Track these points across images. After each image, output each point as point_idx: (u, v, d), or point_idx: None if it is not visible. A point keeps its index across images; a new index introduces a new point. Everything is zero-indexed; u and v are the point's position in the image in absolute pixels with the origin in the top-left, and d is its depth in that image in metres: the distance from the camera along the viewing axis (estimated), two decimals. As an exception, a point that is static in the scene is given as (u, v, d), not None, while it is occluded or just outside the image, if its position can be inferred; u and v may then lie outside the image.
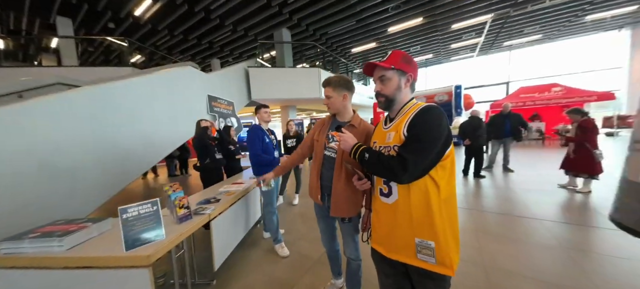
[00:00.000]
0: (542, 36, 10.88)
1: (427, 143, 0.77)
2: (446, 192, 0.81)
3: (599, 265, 1.77)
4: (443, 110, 0.82)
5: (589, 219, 2.57)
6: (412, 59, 0.93)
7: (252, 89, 6.84)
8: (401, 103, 0.91)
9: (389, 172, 0.81)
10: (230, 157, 3.22)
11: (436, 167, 0.80)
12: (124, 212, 1.25)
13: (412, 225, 0.82)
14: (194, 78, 4.44)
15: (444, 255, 0.78)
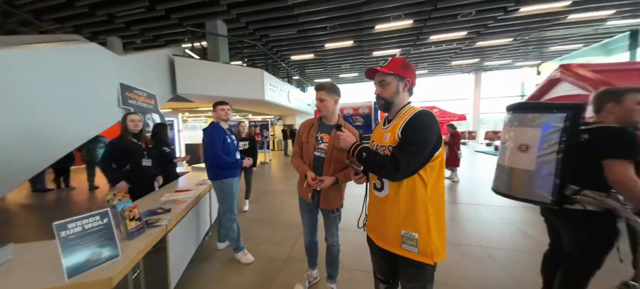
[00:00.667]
0: (428, 71, 14.79)
1: (419, 146, 0.88)
2: (433, 190, 0.91)
3: (467, 227, 2.72)
4: (433, 115, 0.94)
5: (455, 197, 3.87)
6: (411, 66, 1.02)
7: (178, 82, 5.86)
8: (399, 106, 1.01)
9: (383, 171, 0.93)
10: (167, 161, 2.71)
11: (425, 168, 0.90)
12: (62, 229, 0.96)
13: (399, 218, 0.93)
14: (103, 59, 3.45)
15: (425, 246, 0.89)
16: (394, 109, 1.01)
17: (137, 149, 2.21)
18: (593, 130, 1.17)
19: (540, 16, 7.71)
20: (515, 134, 1.36)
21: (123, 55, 4.11)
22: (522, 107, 1.40)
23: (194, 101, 7.64)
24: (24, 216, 3.68)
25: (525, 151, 1.30)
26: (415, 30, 8.68)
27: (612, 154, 1.06)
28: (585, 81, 6.46)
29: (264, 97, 6.83)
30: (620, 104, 1.16)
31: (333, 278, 1.61)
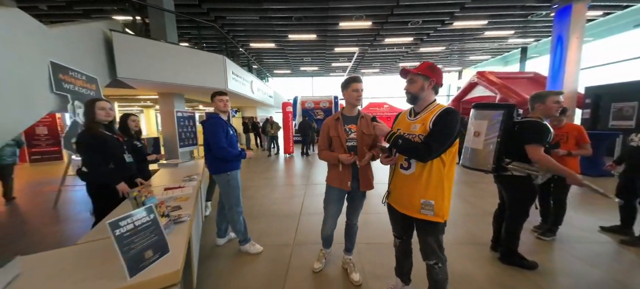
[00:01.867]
0: (379, 70, 16.35)
1: (447, 136, 1.14)
2: (449, 168, 1.19)
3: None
4: (457, 112, 1.19)
5: None
6: (437, 69, 1.23)
7: (117, 64, 4.87)
8: (426, 101, 1.24)
9: (417, 153, 1.18)
10: (140, 157, 2.36)
11: (446, 152, 1.18)
12: (116, 228, 0.90)
13: (421, 189, 1.20)
14: (26, 29, 2.67)
15: (439, 209, 1.18)
16: (421, 103, 1.26)
17: (117, 144, 1.90)
18: (520, 123, 1.77)
19: (465, 30, 9.56)
20: (474, 124, 1.89)
21: (51, 27, 3.19)
22: (478, 105, 1.95)
23: (136, 88, 6.47)
24: None
25: (478, 136, 1.84)
26: (373, 32, 9.48)
27: (529, 140, 1.65)
28: (493, 85, 8.45)
29: (227, 86, 6.34)
30: (544, 103, 1.74)
31: (350, 251, 1.84)
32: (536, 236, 2.34)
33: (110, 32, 4.79)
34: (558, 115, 1.79)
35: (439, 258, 1.28)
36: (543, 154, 1.60)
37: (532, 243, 2.25)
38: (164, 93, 7.03)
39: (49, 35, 3.10)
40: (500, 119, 1.76)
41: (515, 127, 1.76)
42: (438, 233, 1.26)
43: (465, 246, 2.21)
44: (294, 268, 1.88)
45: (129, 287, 0.86)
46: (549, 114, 1.76)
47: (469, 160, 1.93)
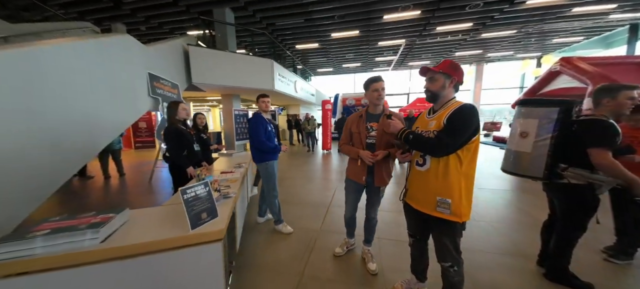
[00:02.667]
0: (430, 62, 14.90)
1: (459, 130, 1.12)
2: (467, 167, 1.15)
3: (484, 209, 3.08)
4: (476, 109, 1.16)
5: None
6: (458, 67, 1.22)
7: (192, 72, 5.99)
8: (445, 99, 1.23)
9: (429, 148, 1.19)
10: (205, 147, 2.98)
11: (463, 149, 1.14)
12: (184, 193, 1.26)
13: (437, 186, 1.19)
14: (133, 50, 3.63)
15: (457, 208, 1.16)
16: (440, 102, 1.26)
17: (189, 136, 2.47)
18: (581, 122, 1.47)
19: (544, 8, 7.87)
20: (520, 123, 1.67)
21: (148, 46, 4.25)
22: (525, 102, 1.71)
23: (206, 91, 7.77)
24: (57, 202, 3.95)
25: (525, 138, 1.62)
26: (423, 21, 8.77)
27: (592, 143, 1.38)
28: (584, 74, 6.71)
29: (274, 87, 6.99)
30: (614, 99, 1.43)
31: (369, 242, 1.93)
32: (605, 257, 1.92)
33: (188, 46, 5.91)
34: (629, 113, 1.44)
35: (454, 261, 1.26)
36: (611, 160, 1.32)
37: (598, 264, 1.87)
38: (225, 94, 8.25)
39: (147, 52, 4.11)
40: (555, 117, 1.50)
41: (573, 126, 1.49)
42: (455, 234, 1.23)
43: (508, 256, 2.00)
44: (317, 250, 2.09)
45: (190, 236, 1.21)
46: (619, 112, 1.43)
47: (511, 164, 1.71)
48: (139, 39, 4.00)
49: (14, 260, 0.98)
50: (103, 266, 1.09)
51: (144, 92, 3.80)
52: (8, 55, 1.69)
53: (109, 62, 2.99)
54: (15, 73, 1.72)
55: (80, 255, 1.05)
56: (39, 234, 1.04)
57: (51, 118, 1.96)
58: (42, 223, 1.15)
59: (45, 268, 1.01)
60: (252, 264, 1.90)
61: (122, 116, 3.18)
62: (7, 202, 1.58)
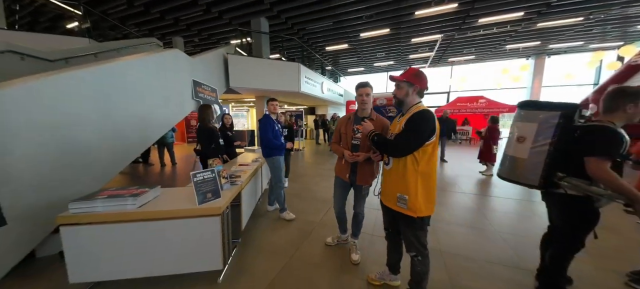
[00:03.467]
0: (475, 57, 13.46)
1: (413, 133, 1.24)
2: (425, 167, 1.26)
3: (490, 215, 2.86)
4: (432, 114, 1.25)
5: (487, 190, 3.88)
6: (422, 75, 1.33)
7: (230, 77, 6.81)
8: (409, 104, 1.34)
9: (387, 149, 1.34)
10: (228, 142, 3.48)
11: (419, 150, 1.25)
12: (194, 177, 1.62)
13: (397, 184, 1.33)
14: (181, 62, 4.40)
15: (412, 204, 1.27)
16: (405, 106, 1.37)
17: (216, 133, 2.99)
18: (583, 127, 1.33)
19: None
20: (518, 127, 1.59)
21: (194, 57, 5.08)
22: (525, 104, 1.61)
23: (241, 93, 8.68)
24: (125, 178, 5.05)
25: (522, 142, 1.54)
26: (461, 14, 8.10)
27: (590, 150, 1.24)
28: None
29: (300, 89, 7.40)
30: (636, 104, 1.23)
31: (356, 236, 2.06)
32: (627, 281, 1.65)
33: (227, 54, 6.74)
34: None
35: (418, 251, 1.36)
36: (607, 171, 1.18)
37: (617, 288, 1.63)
38: (258, 96, 9.06)
39: (193, 62, 4.91)
40: (555, 122, 1.39)
41: (576, 132, 1.35)
42: (415, 227, 1.33)
43: (508, 268, 1.89)
44: (312, 239, 2.32)
45: (197, 209, 1.58)
46: (632, 118, 1.26)
47: (507, 170, 1.63)
48: (193, 47, 4.82)
49: (83, 213, 1.48)
50: (138, 224, 1.53)
51: (188, 95, 4.57)
52: (91, 71, 2.38)
53: (163, 73, 3.74)
54: (96, 85, 2.40)
55: (124, 214, 1.51)
56: (100, 197, 1.53)
57: (117, 118, 2.64)
58: (104, 191, 1.66)
59: (101, 221, 1.50)
60: (254, 243, 2.24)
61: (170, 115, 3.92)
62: (87, 177, 2.23)
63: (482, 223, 2.67)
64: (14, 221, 1.55)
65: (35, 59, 3.92)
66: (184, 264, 1.62)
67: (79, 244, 1.48)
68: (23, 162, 1.66)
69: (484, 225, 2.63)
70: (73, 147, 2.07)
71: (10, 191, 1.56)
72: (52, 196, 1.82)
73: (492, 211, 3.04)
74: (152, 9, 8.34)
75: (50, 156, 1.87)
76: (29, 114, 1.72)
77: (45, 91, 1.88)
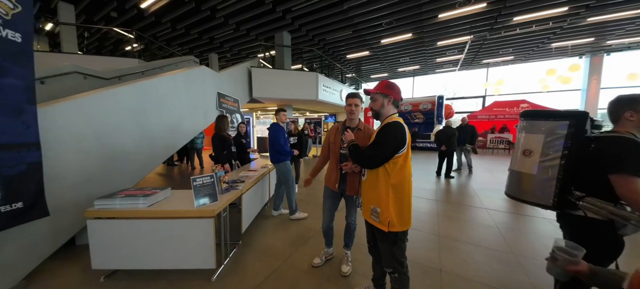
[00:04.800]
0: (514, 58, 12.19)
1: (381, 144, 1.23)
2: (396, 179, 1.22)
3: (520, 239, 2.54)
4: (401, 126, 1.22)
5: (513, 207, 3.44)
6: (394, 86, 1.34)
7: (253, 88, 7.30)
8: (384, 115, 1.35)
9: (359, 159, 1.34)
10: (242, 149, 3.74)
11: (389, 162, 1.23)
12: (194, 181, 1.80)
13: (371, 196, 1.30)
14: (207, 77, 4.89)
15: (384, 218, 1.24)
16: (381, 118, 1.38)
17: (229, 141, 3.26)
18: (601, 139, 1.15)
19: None
20: (523, 139, 1.44)
21: (219, 72, 5.62)
22: (529, 114, 1.45)
23: (264, 102, 9.20)
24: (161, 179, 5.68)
25: (529, 156, 1.38)
26: (492, 13, 7.50)
27: (615, 169, 1.04)
28: None
29: (317, 97, 7.58)
30: (638, 112, 1.08)
31: (348, 247, 2.02)
32: None
33: (251, 67, 7.26)
34: None
35: (394, 267, 1.31)
36: (638, 190, 0.98)
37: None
38: (280, 105, 9.51)
39: (218, 76, 5.41)
40: (564, 132, 1.23)
41: (591, 145, 1.18)
42: (388, 242, 1.29)
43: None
44: (308, 245, 2.35)
45: (193, 211, 1.75)
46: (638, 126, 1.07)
47: (514, 188, 1.45)
48: (226, 62, 5.33)
49: (105, 209, 1.74)
50: (146, 221, 1.75)
51: (213, 106, 5.04)
52: (128, 88, 2.81)
53: (190, 87, 4.21)
54: (131, 99, 2.82)
55: (136, 212, 1.75)
56: (119, 196, 1.79)
57: (148, 127, 3.05)
58: (122, 191, 1.94)
59: (118, 216, 1.75)
60: (253, 245, 2.35)
61: (196, 124, 4.36)
62: (121, 177, 2.61)
63: (496, 243, 2.40)
64: (56, 212, 1.90)
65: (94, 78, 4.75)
66: (182, 260, 1.80)
67: (100, 236, 1.75)
68: (68, 164, 2.04)
69: (498, 245, 2.35)
70: (111, 152, 2.46)
71: (56, 188, 1.92)
72: (91, 192, 2.18)
73: (513, 231, 2.70)
74: (191, 30, 9.42)
75: (91, 159, 2.26)
76: (74, 125, 2.11)
77: (89, 105, 2.29)
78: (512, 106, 11.46)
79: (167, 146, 3.45)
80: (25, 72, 1.65)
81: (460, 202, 3.69)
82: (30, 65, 1.69)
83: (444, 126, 5.62)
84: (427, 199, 3.80)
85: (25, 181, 1.64)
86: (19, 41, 1.61)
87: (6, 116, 1.55)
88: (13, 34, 1.57)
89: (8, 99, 1.56)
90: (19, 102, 1.62)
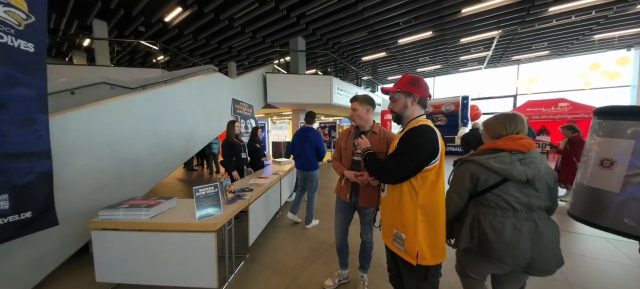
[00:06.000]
0: (549, 52, 11.06)
1: (405, 155, 0.98)
2: (425, 200, 0.97)
3: (574, 263, 2.10)
4: (432, 131, 0.98)
5: (568, 225, 2.88)
6: (420, 81, 1.09)
7: (268, 93, 7.32)
8: (408, 118, 1.10)
9: (376, 173, 1.11)
10: (255, 154, 3.66)
11: (417, 177, 0.98)
12: (196, 192, 1.68)
13: (393, 217, 1.07)
14: (222, 83, 4.94)
15: (410, 247, 0.99)
16: (405, 121, 1.13)
17: (239, 147, 3.18)
18: None
19: None
20: (600, 145, 1.10)
21: (234, 78, 5.69)
22: (608, 111, 1.11)
23: (278, 107, 9.22)
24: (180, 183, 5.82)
25: (609, 168, 1.04)
26: (523, 4, 6.85)
27: None
28: None
29: (331, 101, 7.40)
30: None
31: (364, 269, 1.77)
32: None
33: (265, 73, 7.30)
34: None
35: None
36: None
37: None
38: (294, 109, 9.47)
39: (233, 83, 5.46)
40: None
41: None
42: (417, 277, 1.04)
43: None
44: (319, 263, 2.13)
45: (195, 224, 1.63)
46: None
47: (584, 208, 1.11)
48: (244, 69, 5.40)
49: (109, 220, 1.68)
50: (148, 234, 1.67)
51: (228, 112, 5.07)
52: (143, 96, 2.85)
53: (205, 94, 4.26)
54: (146, 107, 2.85)
55: (138, 224, 1.67)
56: (123, 206, 1.73)
57: (163, 134, 3.06)
58: (128, 200, 1.89)
59: (121, 228, 1.68)
60: (261, 260, 2.19)
61: (211, 129, 4.39)
62: (134, 184, 2.61)
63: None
64: (67, 221, 1.89)
65: (121, 88, 5.02)
66: (183, 277, 1.68)
67: (105, 247, 1.69)
68: (80, 173, 2.04)
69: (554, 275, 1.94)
70: (124, 159, 2.47)
71: (66, 196, 1.92)
72: (103, 200, 2.17)
73: (572, 255, 2.25)
74: (211, 40, 9.80)
75: (104, 167, 2.27)
76: (87, 133, 2.13)
77: (103, 113, 2.31)
78: (549, 105, 10.34)
79: (181, 152, 3.46)
80: (38, 82, 1.67)
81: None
82: (43, 75, 1.70)
83: (472, 128, 5.12)
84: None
85: (35, 190, 1.63)
86: (32, 51, 1.62)
87: (17, 126, 1.56)
88: (25, 44, 1.58)
89: (19, 108, 1.57)
90: (30, 112, 1.62)
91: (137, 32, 8.82)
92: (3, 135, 1.48)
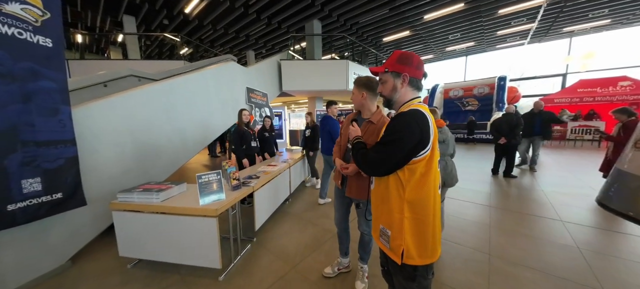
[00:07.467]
0: (611, 21, 9.26)
1: (389, 146, 0.87)
2: (413, 195, 0.87)
3: (615, 268, 1.80)
4: (422, 116, 0.85)
5: (618, 224, 2.47)
6: (411, 58, 0.95)
7: (283, 81, 7.27)
8: (400, 102, 0.98)
9: (360, 162, 0.99)
10: (267, 143, 3.70)
11: (404, 169, 0.88)
12: (199, 178, 1.73)
13: (380, 211, 0.99)
14: (236, 72, 5.00)
15: (395, 245, 0.91)
16: (396, 106, 1.00)
17: (249, 135, 3.23)
18: None
19: None
20: None
21: (248, 67, 5.73)
22: None
23: (294, 95, 9.18)
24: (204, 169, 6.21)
25: None
26: (578, -37, 5.73)
27: None
28: None
29: (347, 87, 7.11)
30: None
31: (364, 260, 1.70)
32: None
33: (280, 60, 7.24)
34: None
35: None
36: None
37: None
38: (310, 97, 9.35)
39: (248, 72, 5.50)
40: None
41: None
42: (404, 277, 0.95)
43: None
44: (322, 251, 2.11)
45: (198, 209, 1.69)
46: None
47: (620, 198, 0.96)
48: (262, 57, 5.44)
49: (126, 202, 1.82)
50: (159, 216, 1.78)
51: (242, 101, 5.16)
52: (160, 86, 2.98)
53: (221, 83, 4.36)
54: (164, 96, 2.99)
55: (151, 206, 1.78)
56: (137, 191, 1.86)
57: (180, 122, 3.22)
58: (143, 185, 2.02)
59: (136, 209, 1.81)
60: (266, 244, 2.25)
61: (226, 118, 4.52)
62: (155, 169, 2.80)
63: (577, 272, 1.73)
64: (96, 201, 2.10)
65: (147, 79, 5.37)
66: (191, 257, 1.78)
67: (124, 226, 1.86)
68: (105, 158, 2.24)
69: (579, 276, 1.69)
70: (145, 146, 2.66)
71: (93, 179, 2.12)
72: (127, 183, 2.37)
73: (603, 256, 1.93)
74: (229, 29, 9.96)
75: (126, 153, 2.46)
76: (109, 122, 2.30)
77: (124, 103, 2.47)
78: (606, 84, 8.83)
79: (198, 139, 3.63)
80: (59, 75, 1.81)
81: (523, 210, 2.90)
82: (63, 68, 1.83)
83: (505, 112, 4.56)
84: (477, 203, 3.10)
85: (64, 174, 1.82)
86: (50, 46, 1.74)
87: (44, 116, 1.72)
88: (44, 39, 1.71)
89: (44, 100, 1.72)
90: (54, 103, 1.78)
91: (162, 25, 9.28)
92: (31, 125, 1.65)
